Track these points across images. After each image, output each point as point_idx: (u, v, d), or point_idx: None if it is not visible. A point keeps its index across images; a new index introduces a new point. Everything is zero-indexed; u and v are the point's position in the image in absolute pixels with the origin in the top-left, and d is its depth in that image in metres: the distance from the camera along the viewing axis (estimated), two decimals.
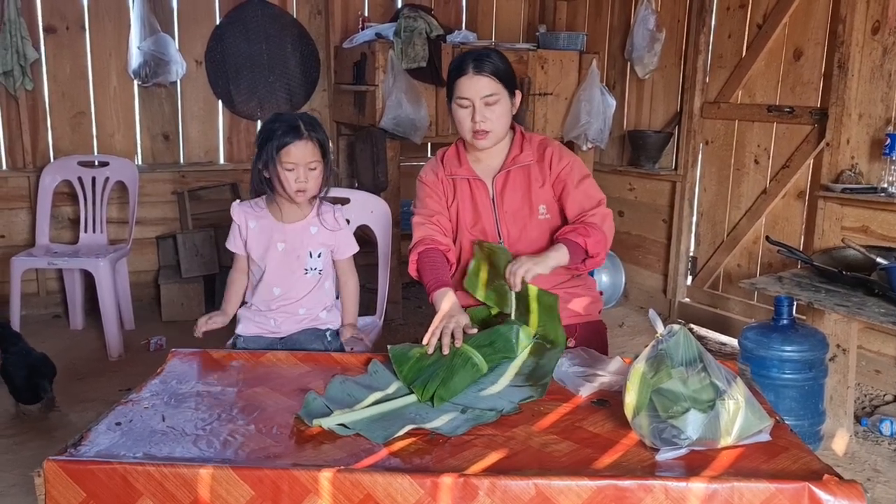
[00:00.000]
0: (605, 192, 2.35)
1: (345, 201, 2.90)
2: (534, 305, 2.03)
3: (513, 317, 2.06)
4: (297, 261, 2.22)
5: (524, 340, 1.96)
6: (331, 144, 2.25)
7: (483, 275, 2.19)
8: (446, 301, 2.06)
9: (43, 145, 4.44)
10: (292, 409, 1.73)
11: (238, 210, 2.25)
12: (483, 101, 2.14)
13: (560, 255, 2.06)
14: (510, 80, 2.20)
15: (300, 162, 2.09)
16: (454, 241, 2.32)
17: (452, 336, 1.92)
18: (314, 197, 2.22)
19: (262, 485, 1.40)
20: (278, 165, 2.10)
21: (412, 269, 2.25)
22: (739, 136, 4.09)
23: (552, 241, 2.18)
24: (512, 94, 2.21)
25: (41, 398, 3.08)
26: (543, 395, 1.80)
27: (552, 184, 2.24)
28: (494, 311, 2.15)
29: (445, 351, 1.89)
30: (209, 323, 2.23)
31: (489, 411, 1.70)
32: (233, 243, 2.28)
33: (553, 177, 2.24)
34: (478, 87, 2.14)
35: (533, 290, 2.03)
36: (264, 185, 2.17)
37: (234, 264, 2.33)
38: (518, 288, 2.00)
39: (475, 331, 1.97)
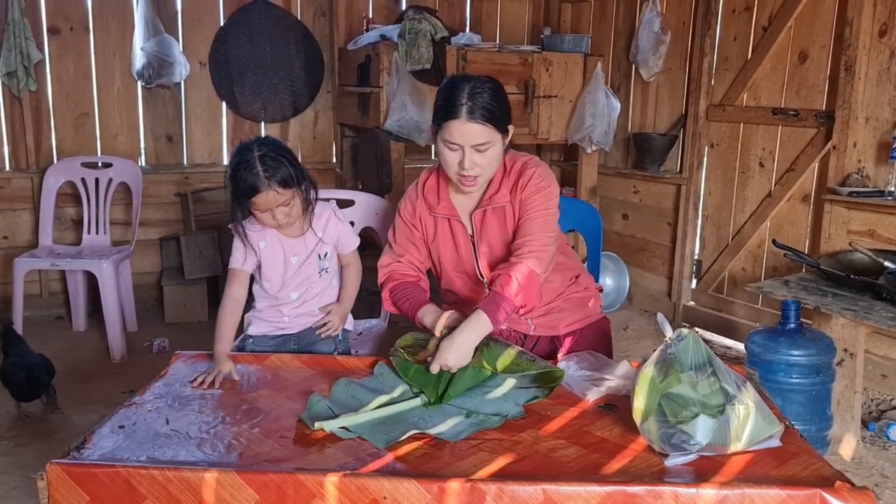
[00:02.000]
0: (609, 195, 2.31)
1: (349, 203, 2.89)
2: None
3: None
4: (310, 267, 2.23)
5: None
6: (303, 173, 2.09)
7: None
8: (432, 315, 2.02)
9: (46, 146, 4.44)
10: (297, 412, 1.72)
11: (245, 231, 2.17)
12: (473, 148, 1.98)
13: (482, 327, 1.91)
14: (504, 119, 2.02)
15: (270, 206, 2.05)
16: (439, 276, 2.26)
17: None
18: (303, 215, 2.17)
19: (267, 489, 1.39)
20: (251, 210, 2.08)
21: (388, 306, 2.18)
22: (745, 138, 4.08)
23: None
24: (505, 133, 2.04)
25: (40, 394, 3.07)
26: (549, 396, 1.79)
27: (518, 210, 2.12)
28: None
29: (454, 369, 1.86)
30: (217, 379, 1.94)
31: (493, 416, 1.68)
32: (241, 261, 2.18)
33: (518, 203, 2.11)
34: (469, 134, 1.96)
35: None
36: (246, 217, 2.14)
37: (233, 283, 2.18)
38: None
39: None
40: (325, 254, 2.24)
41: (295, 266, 2.21)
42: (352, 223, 2.86)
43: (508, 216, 2.12)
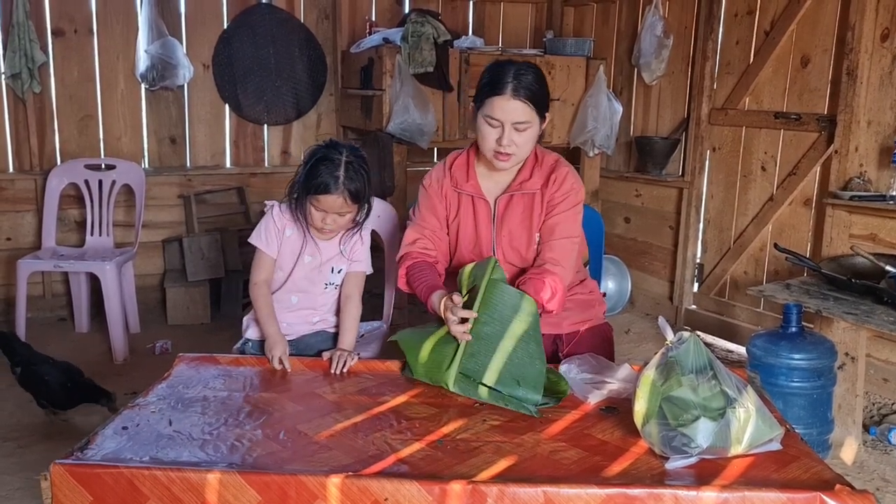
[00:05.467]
0: (611, 198, 2.34)
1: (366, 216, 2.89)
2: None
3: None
4: (319, 275, 2.24)
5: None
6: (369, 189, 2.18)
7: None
8: (443, 300, 2.02)
9: (50, 148, 4.44)
10: (300, 414, 1.73)
11: (279, 214, 2.22)
12: (513, 126, 2.04)
13: None
14: (544, 104, 2.09)
15: (329, 210, 2.10)
16: (452, 255, 2.28)
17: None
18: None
19: (270, 490, 1.39)
20: (310, 202, 2.11)
21: (402, 283, 2.19)
22: (746, 142, 4.08)
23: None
24: (542, 119, 2.10)
25: (108, 399, 3.02)
26: (559, 404, 1.80)
27: (546, 205, 2.17)
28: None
29: (468, 338, 1.89)
30: (283, 359, 2.06)
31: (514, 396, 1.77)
32: (266, 244, 2.21)
33: (549, 199, 2.17)
34: (511, 111, 2.02)
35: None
36: (301, 208, 2.15)
37: (262, 268, 2.22)
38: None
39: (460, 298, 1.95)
40: (340, 270, 2.26)
41: (307, 266, 2.22)
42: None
43: (536, 205, 2.16)
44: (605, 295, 2.46)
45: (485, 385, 1.83)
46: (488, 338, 1.88)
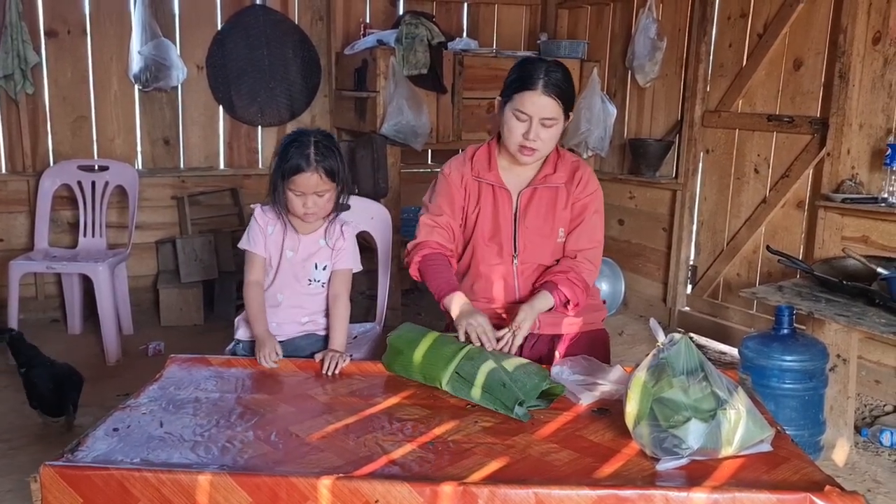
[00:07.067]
0: (605, 200, 2.36)
1: (345, 207, 2.89)
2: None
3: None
4: (302, 270, 2.24)
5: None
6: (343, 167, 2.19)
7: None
8: (461, 304, 2.10)
9: (43, 149, 4.43)
10: (291, 415, 1.72)
11: (261, 213, 2.25)
12: (541, 121, 2.09)
13: (545, 304, 2.15)
14: (571, 103, 2.15)
15: (307, 191, 2.12)
16: (466, 245, 2.30)
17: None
18: (327, 216, 2.24)
19: (260, 491, 1.39)
20: (287, 189, 2.13)
21: (413, 272, 2.25)
22: (740, 145, 4.09)
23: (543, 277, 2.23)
24: (567, 117, 2.16)
25: (67, 412, 3.02)
26: (550, 406, 1.80)
27: (572, 206, 2.24)
28: None
29: (489, 347, 1.97)
30: (272, 357, 2.07)
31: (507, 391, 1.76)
32: (254, 244, 2.24)
33: (574, 200, 2.23)
34: (541, 106, 2.08)
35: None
36: (280, 198, 2.18)
37: (252, 269, 2.24)
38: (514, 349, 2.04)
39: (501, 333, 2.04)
40: (325, 267, 2.26)
41: (290, 261, 2.23)
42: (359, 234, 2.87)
43: (560, 199, 2.22)
44: (605, 302, 2.48)
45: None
46: (493, 355, 1.92)
